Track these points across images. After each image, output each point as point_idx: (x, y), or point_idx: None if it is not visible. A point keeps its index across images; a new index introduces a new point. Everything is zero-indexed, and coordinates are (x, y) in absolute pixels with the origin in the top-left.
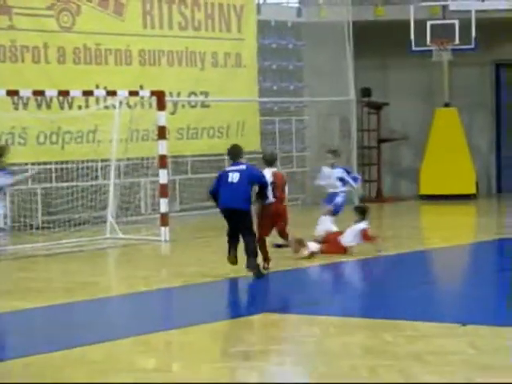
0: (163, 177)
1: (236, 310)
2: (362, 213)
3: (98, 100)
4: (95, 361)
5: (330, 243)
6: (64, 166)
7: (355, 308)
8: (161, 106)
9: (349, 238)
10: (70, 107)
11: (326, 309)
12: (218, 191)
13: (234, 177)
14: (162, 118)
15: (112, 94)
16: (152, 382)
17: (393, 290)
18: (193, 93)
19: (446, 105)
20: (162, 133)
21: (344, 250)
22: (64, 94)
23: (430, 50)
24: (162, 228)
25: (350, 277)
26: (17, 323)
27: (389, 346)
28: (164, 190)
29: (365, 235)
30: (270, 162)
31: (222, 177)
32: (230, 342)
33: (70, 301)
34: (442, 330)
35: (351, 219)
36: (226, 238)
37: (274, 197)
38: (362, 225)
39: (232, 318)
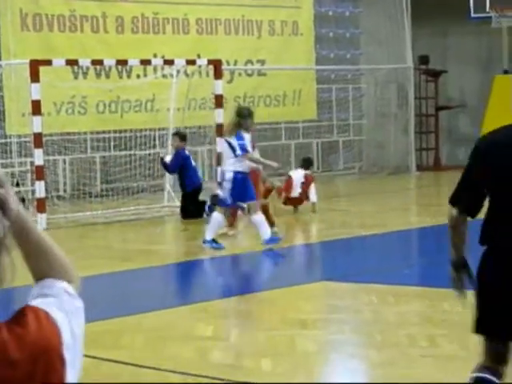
0: (220, 145)
1: (294, 278)
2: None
3: (155, 69)
4: (153, 328)
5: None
6: (122, 134)
7: (413, 276)
8: (218, 74)
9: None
10: (129, 76)
11: (383, 277)
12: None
13: None
14: (219, 86)
15: (169, 62)
16: (209, 350)
17: (446, 259)
18: (249, 61)
19: (506, 72)
20: (218, 101)
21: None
22: (122, 63)
23: (490, 17)
24: None
25: (409, 245)
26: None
27: (446, 314)
28: (219, 159)
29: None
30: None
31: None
32: (288, 310)
33: (128, 268)
34: None
35: None
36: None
37: None
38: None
39: (290, 285)
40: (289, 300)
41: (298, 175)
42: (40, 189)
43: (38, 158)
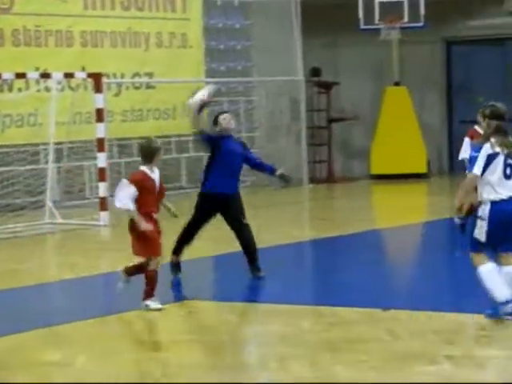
0: (102, 160)
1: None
2: None
3: (38, 82)
4: None
5: None
6: (4, 150)
7: (278, 294)
8: (98, 88)
9: None
10: (10, 90)
11: (249, 295)
12: None
13: None
14: (100, 100)
15: (46, 76)
16: (51, 376)
17: (319, 275)
18: (137, 74)
19: (396, 83)
20: (99, 115)
21: None
22: None
23: (380, 29)
24: (101, 212)
25: (281, 261)
26: None
27: (305, 334)
28: (103, 174)
29: None
30: None
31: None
32: (145, 332)
33: None
34: (363, 315)
35: None
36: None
37: None
38: None
39: None
40: (149, 321)
41: None
42: None
43: None
